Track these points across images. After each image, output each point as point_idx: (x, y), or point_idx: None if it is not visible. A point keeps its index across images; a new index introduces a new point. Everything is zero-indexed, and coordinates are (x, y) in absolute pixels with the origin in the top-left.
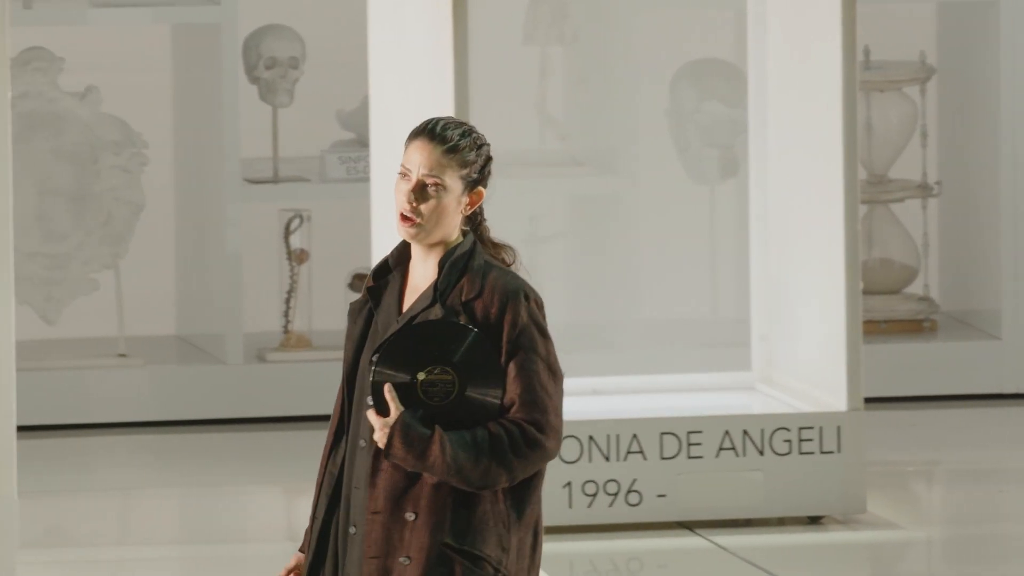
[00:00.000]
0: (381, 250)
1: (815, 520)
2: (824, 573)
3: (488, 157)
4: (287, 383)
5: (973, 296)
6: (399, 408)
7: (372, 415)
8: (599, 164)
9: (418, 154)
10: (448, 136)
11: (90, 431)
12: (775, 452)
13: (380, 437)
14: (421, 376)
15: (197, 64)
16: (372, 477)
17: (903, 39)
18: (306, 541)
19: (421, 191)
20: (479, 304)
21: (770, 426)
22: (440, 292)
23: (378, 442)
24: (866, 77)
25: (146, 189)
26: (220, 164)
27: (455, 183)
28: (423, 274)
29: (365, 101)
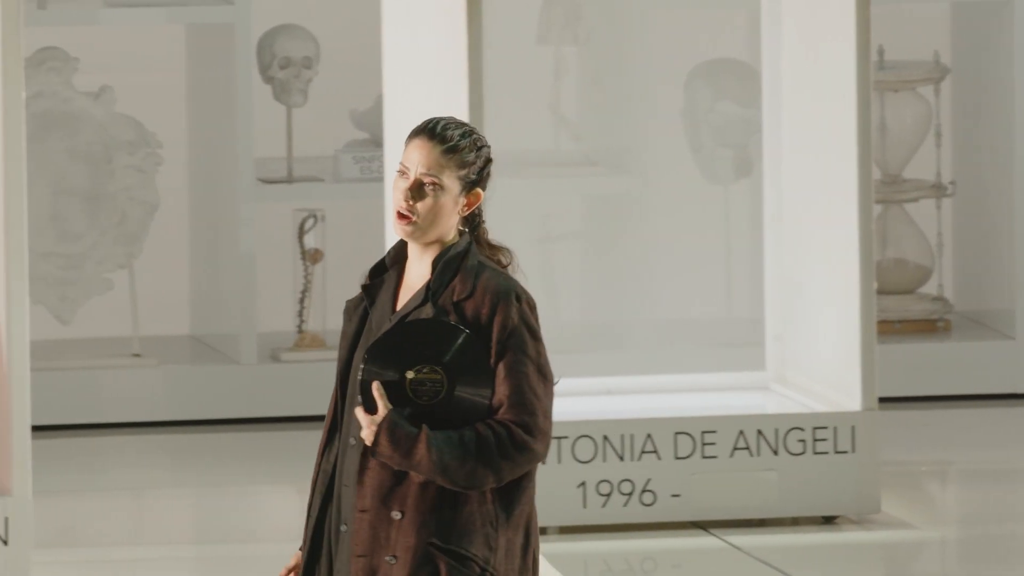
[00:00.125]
0: None
1: (829, 520)
2: (838, 573)
3: (488, 159)
4: (301, 383)
5: (987, 296)
6: (387, 406)
7: (360, 412)
8: (613, 164)
9: (417, 153)
10: (448, 136)
11: (104, 431)
12: (789, 452)
13: (367, 435)
14: (410, 375)
15: (211, 64)
16: (360, 475)
17: (917, 39)
18: (305, 539)
19: (418, 190)
20: (470, 304)
21: (784, 426)
22: (432, 292)
23: (365, 440)
24: (880, 77)
25: (160, 189)
26: (234, 164)
27: (453, 183)
28: (419, 273)
29: (379, 101)
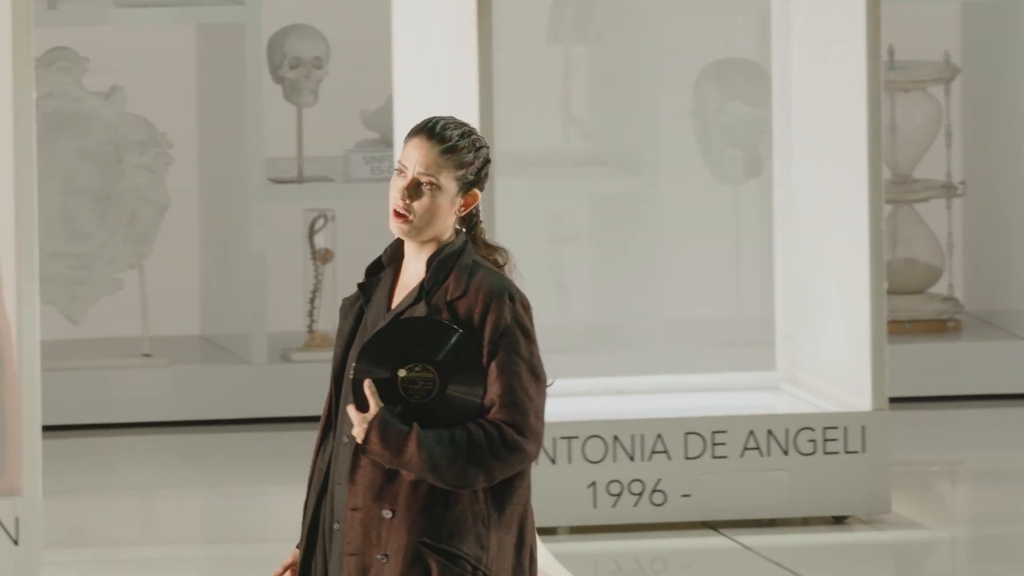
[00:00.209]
0: None
1: (839, 520)
2: (848, 573)
3: (486, 160)
4: (311, 383)
5: (997, 296)
6: (379, 404)
7: (352, 410)
8: (623, 164)
9: (415, 152)
10: (447, 136)
11: (114, 431)
12: (800, 452)
13: (358, 432)
14: (402, 373)
15: (221, 64)
16: (352, 473)
17: (927, 39)
18: (301, 537)
19: (415, 189)
20: (463, 303)
21: (795, 426)
22: (426, 290)
23: (356, 437)
24: (890, 77)
25: (170, 189)
26: (244, 164)
27: (450, 183)
28: (414, 272)
29: (389, 101)
